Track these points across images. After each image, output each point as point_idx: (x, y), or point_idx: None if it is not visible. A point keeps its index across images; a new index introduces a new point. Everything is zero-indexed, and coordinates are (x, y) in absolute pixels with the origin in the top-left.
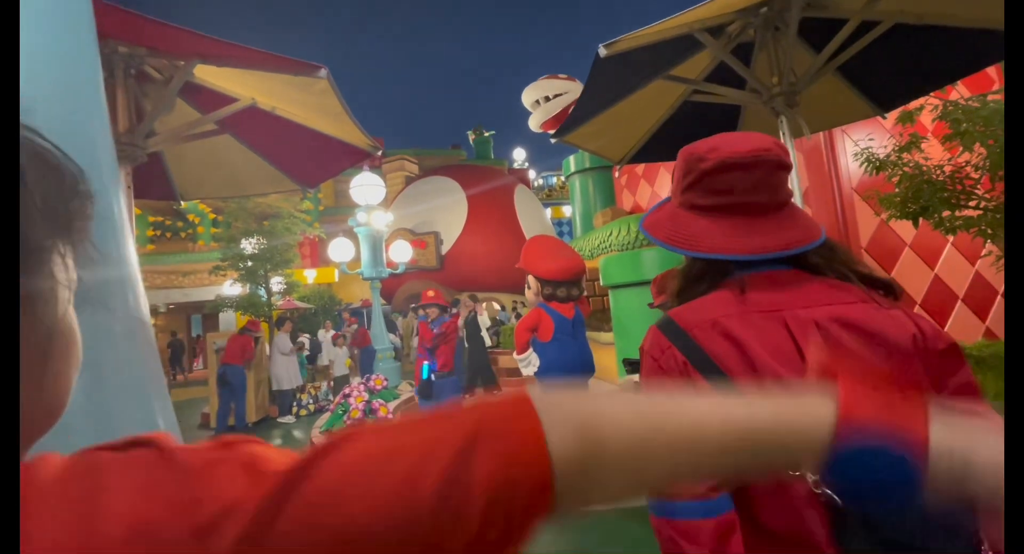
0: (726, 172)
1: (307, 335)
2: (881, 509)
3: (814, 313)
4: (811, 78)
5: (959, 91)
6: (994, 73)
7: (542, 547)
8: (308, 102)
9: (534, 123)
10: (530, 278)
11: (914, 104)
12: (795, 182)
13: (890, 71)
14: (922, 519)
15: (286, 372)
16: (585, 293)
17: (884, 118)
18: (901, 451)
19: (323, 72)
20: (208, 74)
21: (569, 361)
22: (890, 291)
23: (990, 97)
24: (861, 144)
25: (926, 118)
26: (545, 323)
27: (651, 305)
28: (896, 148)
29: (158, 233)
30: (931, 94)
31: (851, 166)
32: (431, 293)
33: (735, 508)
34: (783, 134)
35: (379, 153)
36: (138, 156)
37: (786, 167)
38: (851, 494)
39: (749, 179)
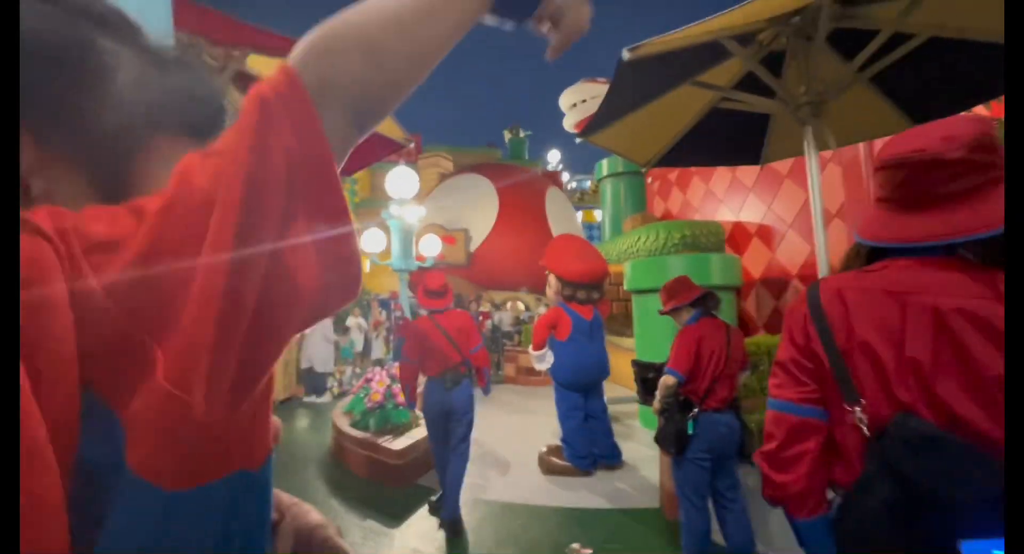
0: (881, 170)
1: (361, 318)
2: None
3: (940, 301)
4: (840, 88)
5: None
6: None
7: (543, 542)
8: None
9: (568, 123)
10: (551, 277)
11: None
12: (816, 196)
13: (927, 84)
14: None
15: (323, 355)
16: (606, 296)
17: None
18: None
19: None
20: (259, 64)
21: (584, 361)
22: None
23: None
24: None
25: None
26: (563, 322)
27: (661, 312)
28: None
29: None
30: (972, 109)
31: None
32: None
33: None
34: (807, 145)
35: (411, 146)
36: None
37: (944, 164)
38: None
39: (895, 178)
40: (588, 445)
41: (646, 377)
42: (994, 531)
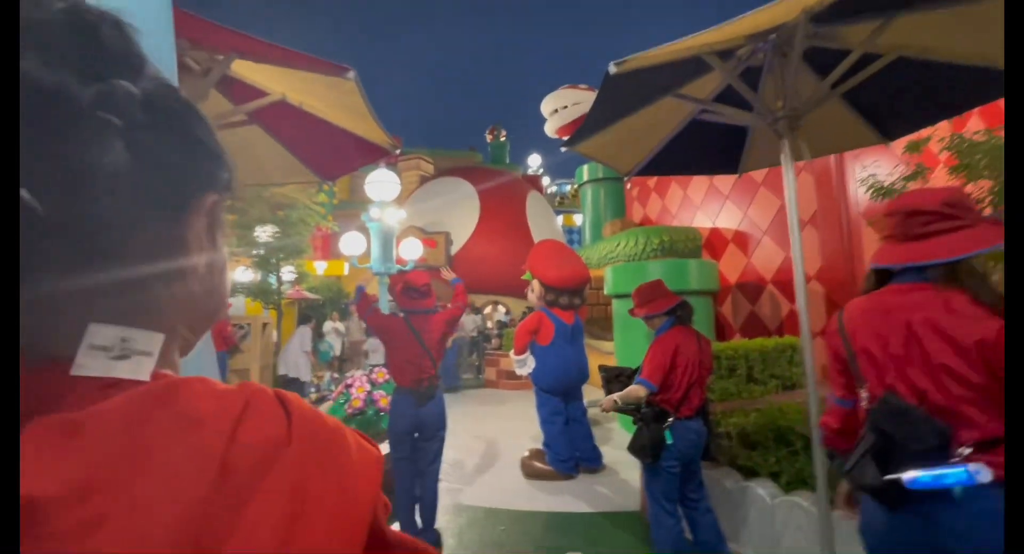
0: (886, 216)
1: (338, 323)
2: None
3: (911, 315)
4: (814, 104)
5: (973, 123)
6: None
7: (526, 546)
8: (334, 100)
9: (549, 129)
10: (534, 282)
11: (925, 133)
12: (792, 206)
13: (895, 101)
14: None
15: (301, 363)
16: (587, 301)
17: (888, 146)
18: None
19: (351, 74)
20: (243, 69)
21: (564, 366)
22: (997, 305)
23: (995, 132)
24: (869, 170)
25: (935, 148)
26: (546, 327)
27: (631, 312)
28: (902, 176)
29: None
30: (938, 124)
31: (859, 191)
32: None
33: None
34: (784, 157)
35: (397, 152)
36: None
37: (922, 213)
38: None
39: (892, 222)
40: (570, 449)
41: (611, 381)
42: (932, 468)
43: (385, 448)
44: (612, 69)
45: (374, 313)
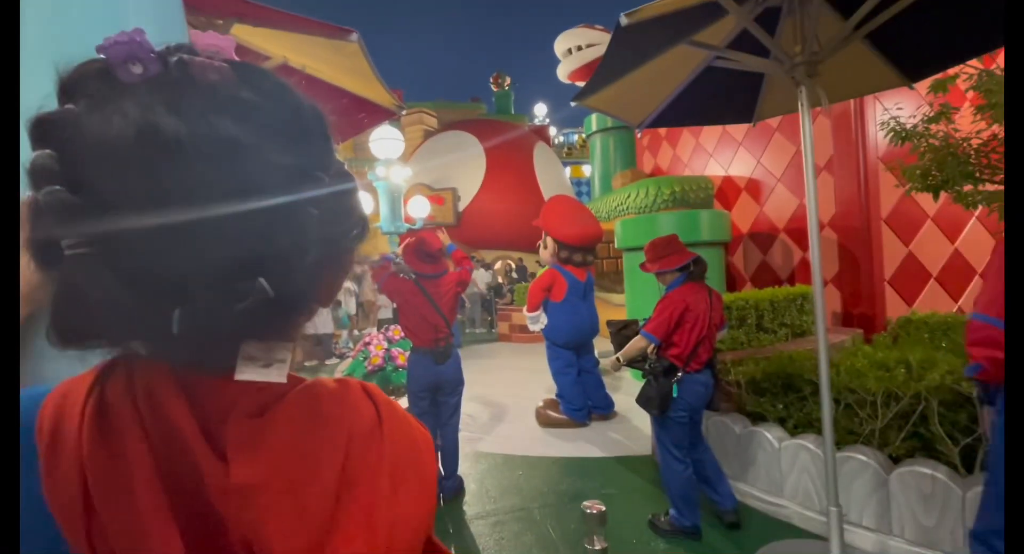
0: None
1: (351, 282)
2: None
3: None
4: (836, 47)
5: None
6: None
7: (543, 489)
8: (338, 62)
9: (562, 72)
10: (547, 238)
11: (952, 71)
12: (809, 155)
13: (921, 40)
14: None
15: (322, 318)
16: (598, 256)
17: (912, 88)
18: None
19: (354, 36)
20: (243, 33)
21: (577, 322)
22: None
23: None
24: (891, 112)
25: (963, 86)
26: (559, 284)
27: (642, 267)
28: (924, 119)
29: None
30: (967, 62)
31: (879, 135)
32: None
33: None
34: (801, 105)
35: (403, 112)
36: None
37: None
38: None
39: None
40: (582, 398)
41: (618, 333)
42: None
43: (403, 403)
44: (623, 20)
45: (388, 279)
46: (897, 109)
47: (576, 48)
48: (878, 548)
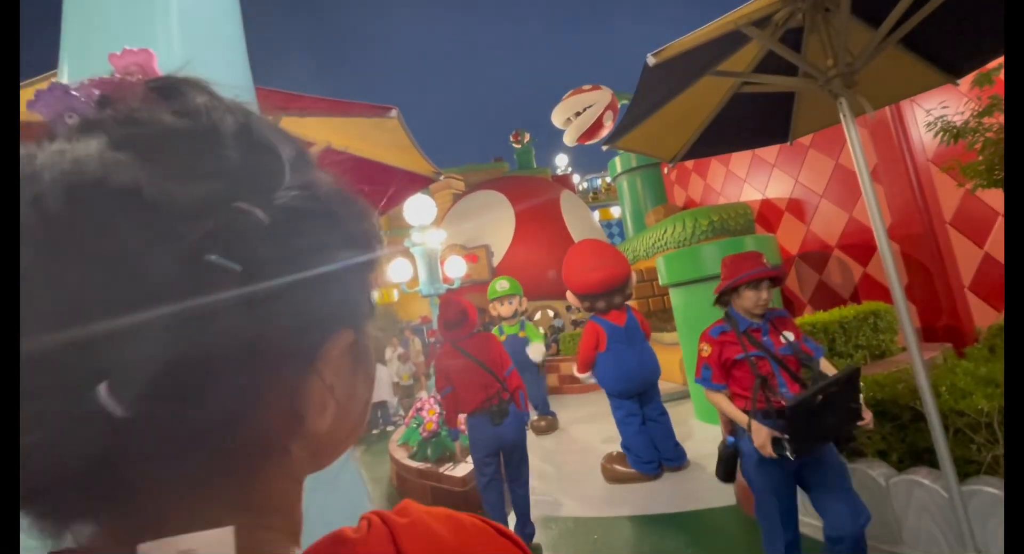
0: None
1: (400, 347)
2: None
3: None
4: (871, 55)
5: None
6: None
7: (622, 549)
8: (378, 139)
9: (569, 139)
10: (568, 293)
11: (991, 65)
12: (863, 166)
13: (959, 35)
14: None
15: (384, 388)
16: (631, 296)
17: (957, 84)
18: None
19: (394, 112)
20: (291, 124)
21: (623, 369)
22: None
23: None
24: (934, 113)
25: None
26: (600, 336)
27: (716, 296)
28: (975, 113)
29: None
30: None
31: (924, 137)
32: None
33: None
34: (844, 116)
35: (441, 178)
36: None
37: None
38: None
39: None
40: (650, 449)
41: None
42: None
43: (468, 467)
44: (650, 60)
45: (434, 355)
46: (942, 108)
47: (575, 115)
48: None
